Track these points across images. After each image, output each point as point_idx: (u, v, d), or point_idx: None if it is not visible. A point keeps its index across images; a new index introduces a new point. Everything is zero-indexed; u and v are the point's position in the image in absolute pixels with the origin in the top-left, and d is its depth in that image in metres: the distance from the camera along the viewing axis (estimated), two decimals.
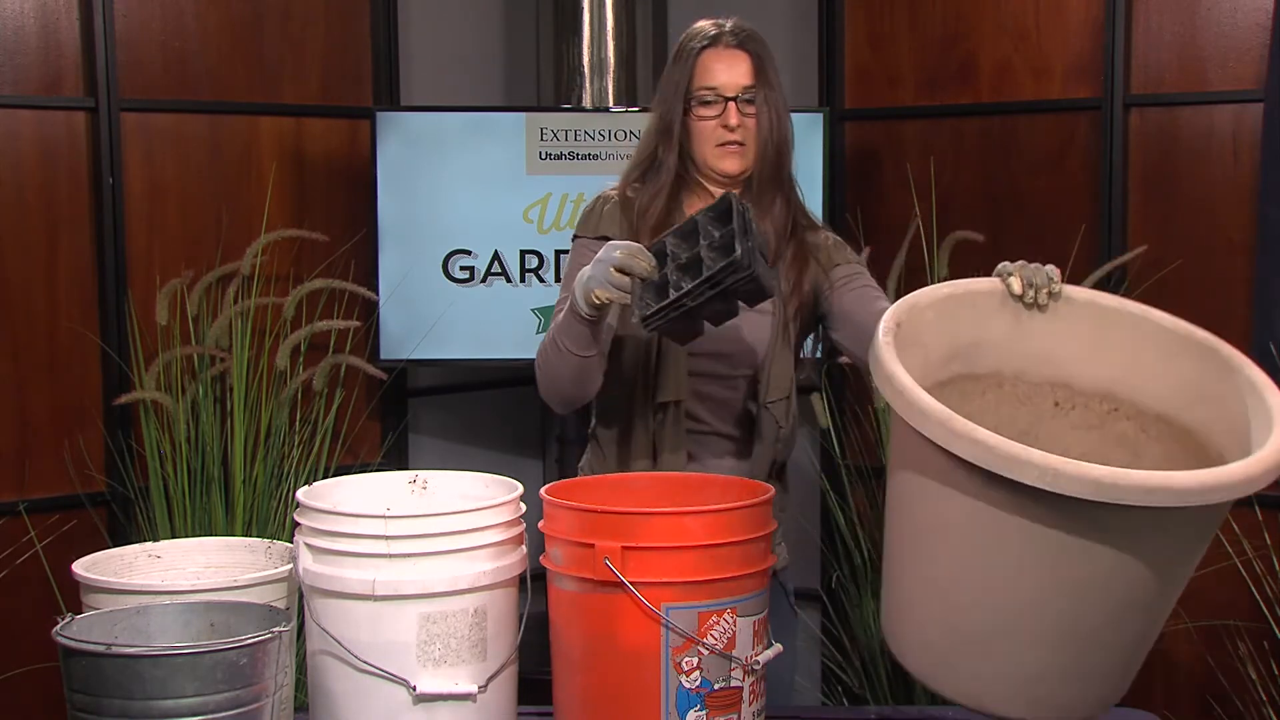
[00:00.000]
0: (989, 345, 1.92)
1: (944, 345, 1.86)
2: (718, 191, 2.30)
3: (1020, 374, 1.94)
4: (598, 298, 2.03)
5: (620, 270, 2.01)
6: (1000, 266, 1.94)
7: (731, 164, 2.27)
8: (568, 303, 2.15)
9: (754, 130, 2.26)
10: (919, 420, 1.65)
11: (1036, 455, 1.57)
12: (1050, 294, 1.92)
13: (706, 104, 2.26)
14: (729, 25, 2.30)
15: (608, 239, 2.24)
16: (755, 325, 2.27)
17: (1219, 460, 1.79)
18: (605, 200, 2.33)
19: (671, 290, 1.98)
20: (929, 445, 1.65)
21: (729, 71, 2.26)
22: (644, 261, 2.01)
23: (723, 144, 2.26)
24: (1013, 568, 1.67)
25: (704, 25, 2.32)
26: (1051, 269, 1.93)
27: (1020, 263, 1.94)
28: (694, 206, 2.31)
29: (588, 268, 2.07)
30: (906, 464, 1.76)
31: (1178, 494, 1.57)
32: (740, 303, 2.05)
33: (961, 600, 1.72)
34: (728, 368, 2.27)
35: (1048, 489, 1.56)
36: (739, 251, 1.94)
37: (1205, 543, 1.73)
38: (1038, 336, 1.93)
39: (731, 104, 2.25)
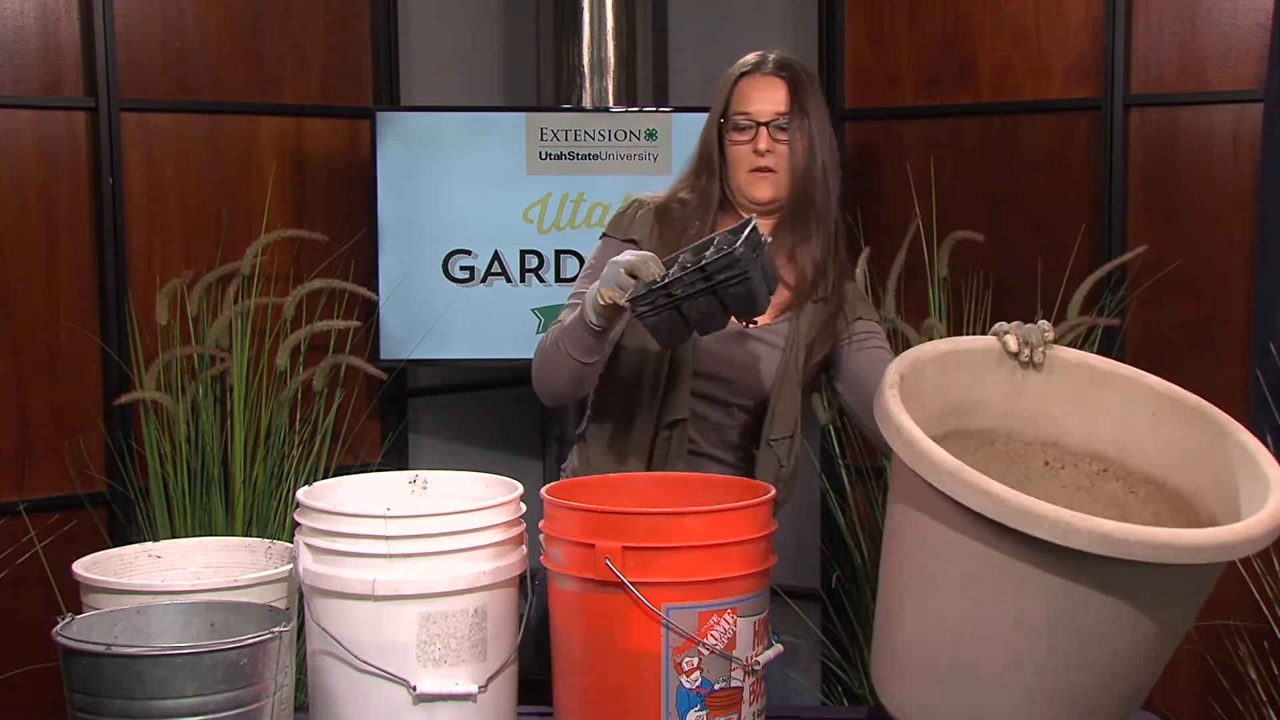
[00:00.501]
0: (984, 403, 1.94)
1: (940, 401, 1.88)
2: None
3: (1013, 433, 1.97)
4: (603, 297, 2.03)
5: (630, 273, 2.01)
6: (996, 326, 1.97)
7: (762, 190, 2.26)
8: (577, 308, 2.14)
9: (787, 157, 2.25)
10: (929, 471, 1.66)
11: (1048, 509, 1.59)
12: (1045, 348, 1.95)
13: (740, 129, 2.25)
14: (773, 55, 2.29)
15: (635, 242, 2.25)
16: (764, 357, 2.27)
17: (1210, 523, 1.81)
18: (640, 205, 2.32)
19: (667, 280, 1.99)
20: (937, 496, 1.67)
21: (764, 98, 2.25)
22: (655, 268, 2.01)
23: (754, 169, 2.25)
24: (1014, 619, 1.68)
25: (750, 56, 2.31)
26: (1044, 325, 1.96)
27: (1016, 323, 1.97)
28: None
29: (604, 270, 2.07)
30: (911, 513, 1.77)
31: (1183, 551, 1.59)
32: (733, 317, 2.03)
33: (961, 649, 1.73)
34: (726, 393, 2.26)
35: (1058, 542, 1.58)
36: (739, 248, 1.94)
37: (1197, 606, 1.75)
38: (1031, 396, 1.95)
39: (763, 129, 2.24)
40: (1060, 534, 1.57)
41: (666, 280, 1.98)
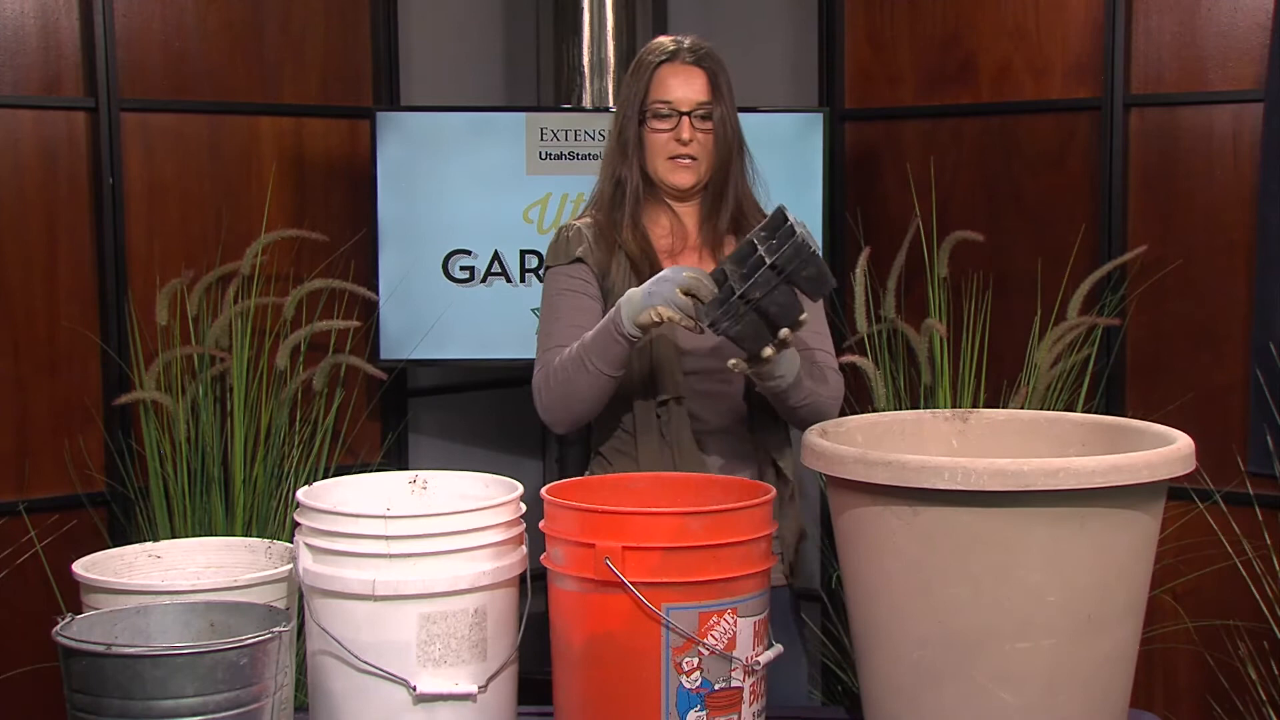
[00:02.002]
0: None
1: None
2: (676, 205, 2.35)
3: None
4: (659, 315, 2.05)
5: (686, 291, 2.03)
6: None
7: (682, 178, 2.31)
8: (552, 337, 2.14)
9: (708, 146, 2.30)
10: (839, 467, 1.78)
11: (945, 461, 1.70)
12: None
13: (661, 117, 2.29)
14: (687, 42, 2.34)
15: (580, 261, 2.30)
16: None
17: None
18: (569, 228, 2.36)
19: (731, 288, 2.00)
20: (859, 494, 1.77)
21: (684, 86, 2.29)
22: (709, 285, 2.04)
23: (674, 157, 2.29)
24: (957, 592, 1.73)
25: (663, 41, 2.36)
26: None
27: None
28: (657, 223, 2.36)
29: (645, 286, 2.08)
30: (853, 530, 1.84)
31: (1080, 475, 1.67)
32: (804, 296, 2.04)
33: (939, 643, 1.76)
34: (717, 360, 2.28)
35: (960, 488, 1.67)
36: (798, 232, 1.97)
37: (1141, 557, 1.80)
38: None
39: (685, 119, 2.28)
40: (960, 479, 1.67)
41: (741, 290, 1.99)
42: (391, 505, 1.96)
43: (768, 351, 2.05)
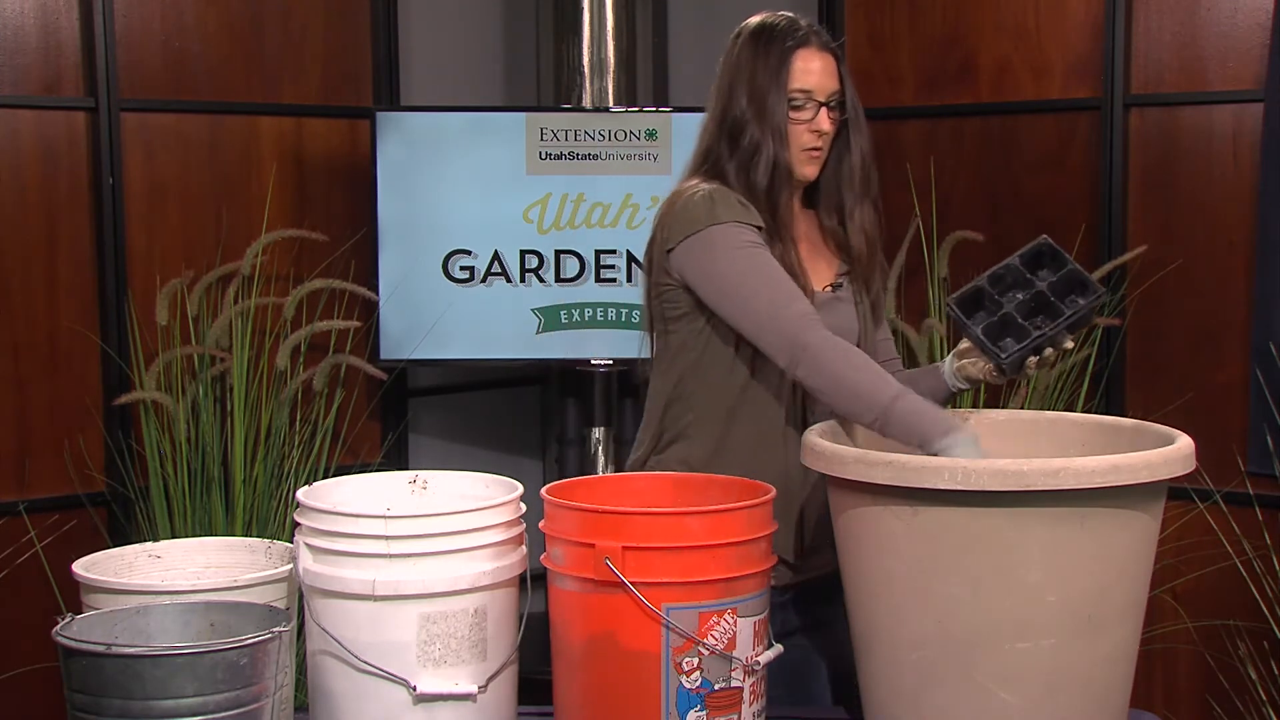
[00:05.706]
0: None
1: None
2: None
3: None
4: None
5: None
6: None
7: (812, 170, 2.22)
8: (922, 412, 1.95)
9: (832, 134, 2.21)
10: (839, 467, 1.79)
11: (945, 460, 1.72)
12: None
13: (798, 107, 2.18)
14: (805, 22, 2.22)
15: (760, 229, 2.14)
16: (849, 314, 2.30)
17: None
18: (722, 191, 2.16)
19: (1032, 330, 2.07)
20: (859, 494, 1.77)
21: (821, 75, 2.19)
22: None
23: (808, 149, 2.19)
24: (957, 593, 1.73)
25: (785, 20, 2.21)
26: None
27: None
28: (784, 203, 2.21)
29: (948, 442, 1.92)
30: (848, 528, 1.84)
31: (1080, 475, 1.67)
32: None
33: (940, 643, 1.76)
34: None
35: (960, 488, 1.67)
36: (1101, 296, 2.05)
37: (1141, 558, 1.80)
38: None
39: (824, 109, 2.19)
40: (960, 479, 1.68)
41: (1044, 331, 2.07)
42: (391, 505, 1.96)
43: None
